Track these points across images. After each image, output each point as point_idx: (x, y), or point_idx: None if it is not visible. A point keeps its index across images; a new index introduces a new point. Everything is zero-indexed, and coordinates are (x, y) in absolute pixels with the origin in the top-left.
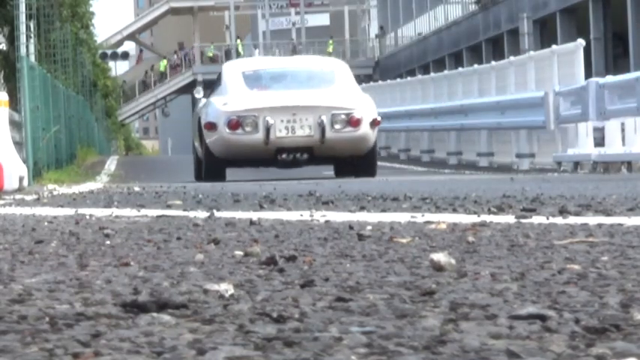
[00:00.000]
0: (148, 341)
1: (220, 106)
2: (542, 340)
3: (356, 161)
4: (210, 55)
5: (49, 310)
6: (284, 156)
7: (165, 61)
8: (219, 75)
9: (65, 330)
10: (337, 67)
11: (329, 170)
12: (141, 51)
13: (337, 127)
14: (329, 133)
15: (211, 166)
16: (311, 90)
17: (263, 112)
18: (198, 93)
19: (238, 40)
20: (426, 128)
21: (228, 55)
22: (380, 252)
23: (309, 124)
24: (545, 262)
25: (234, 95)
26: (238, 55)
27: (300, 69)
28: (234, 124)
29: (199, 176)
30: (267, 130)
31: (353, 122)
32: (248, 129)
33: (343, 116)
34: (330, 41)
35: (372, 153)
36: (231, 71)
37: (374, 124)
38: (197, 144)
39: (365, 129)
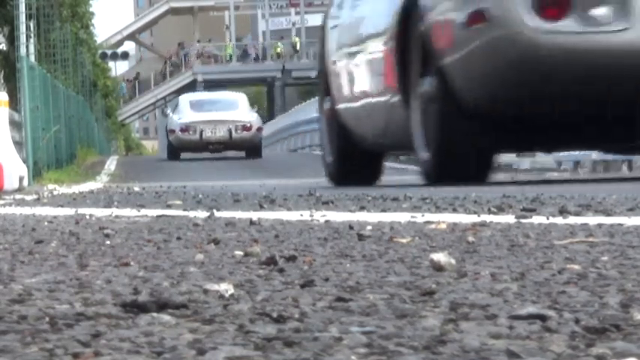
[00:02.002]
0: (148, 341)
1: (177, 120)
2: (542, 340)
3: (248, 149)
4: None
5: (49, 310)
6: (210, 147)
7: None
8: (178, 101)
9: (65, 330)
10: (240, 97)
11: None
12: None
13: (239, 132)
14: (234, 135)
15: (172, 152)
16: (225, 112)
17: (200, 124)
18: (166, 111)
19: (297, 39)
20: None
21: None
22: (380, 252)
23: (224, 129)
24: (545, 262)
25: (184, 114)
26: (278, 56)
27: (220, 98)
28: (184, 129)
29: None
30: (201, 133)
31: (247, 129)
32: (191, 132)
33: (242, 125)
34: (297, 39)
35: (258, 145)
36: (184, 99)
37: (259, 130)
38: (166, 139)
39: (254, 132)
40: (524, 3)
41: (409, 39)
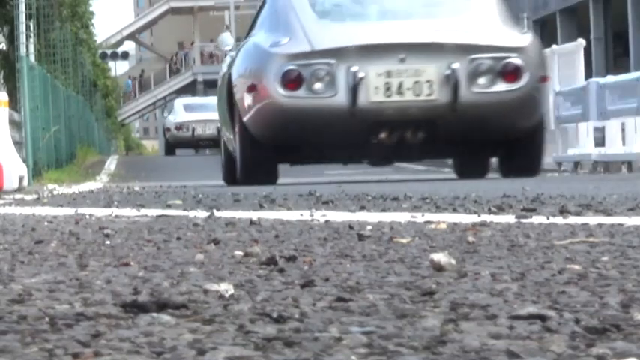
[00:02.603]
0: (148, 341)
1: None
2: (542, 340)
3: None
4: None
5: (49, 310)
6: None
7: None
8: (173, 104)
9: (65, 330)
10: None
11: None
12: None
13: (482, 81)
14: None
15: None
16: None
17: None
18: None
19: None
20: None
21: None
22: (380, 252)
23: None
24: (546, 262)
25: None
26: None
27: (210, 102)
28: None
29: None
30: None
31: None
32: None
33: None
34: None
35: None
36: (178, 102)
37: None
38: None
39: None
40: (275, 80)
41: (232, 92)
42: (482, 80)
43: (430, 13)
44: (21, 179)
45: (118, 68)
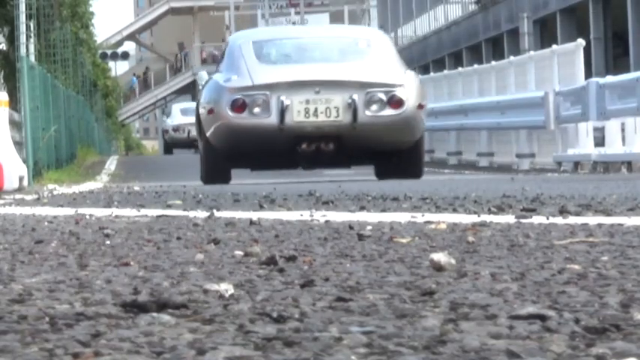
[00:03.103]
0: (148, 341)
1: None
2: (542, 340)
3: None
4: None
5: (49, 310)
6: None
7: None
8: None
9: (65, 330)
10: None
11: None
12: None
13: (374, 108)
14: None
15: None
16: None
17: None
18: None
19: None
20: (425, 128)
21: None
22: (380, 252)
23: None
24: (545, 262)
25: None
26: None
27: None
28: (240, 105)
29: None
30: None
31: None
32: (257, 110)
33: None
34: None
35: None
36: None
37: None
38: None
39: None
40: (227, 106)
41: (199, 114)
42: (374, 107)
43: (339, 59)
44: (21, 179)
45: (118, 68)
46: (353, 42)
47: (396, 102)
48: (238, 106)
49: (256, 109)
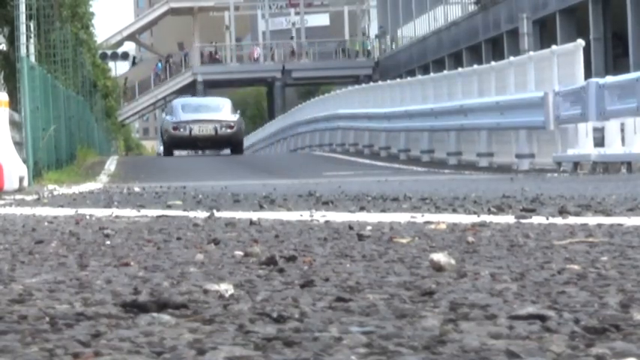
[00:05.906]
0: (147, 341)
1: (168, 118)
2: (542, 340)
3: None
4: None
5: (49, 310)
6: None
7: None
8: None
9: (65, 330)
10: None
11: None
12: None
13: (223, 130)
14: (220, 132)
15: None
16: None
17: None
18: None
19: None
20: (425, 128)
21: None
22: (380, 252)
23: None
24: (545, 262)
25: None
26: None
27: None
28: (175, 127)
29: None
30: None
31: (230, 127)
32: (182, 130)
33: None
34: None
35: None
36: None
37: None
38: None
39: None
40: (171, 128)
41: (162, 128)
42: (223, 129)
43: (215, 109)
44: (21, 179)
45: (118, 68)
46: (219, 104)
47: (231, 127)
48: (175, 128)
49: (181, 130)
